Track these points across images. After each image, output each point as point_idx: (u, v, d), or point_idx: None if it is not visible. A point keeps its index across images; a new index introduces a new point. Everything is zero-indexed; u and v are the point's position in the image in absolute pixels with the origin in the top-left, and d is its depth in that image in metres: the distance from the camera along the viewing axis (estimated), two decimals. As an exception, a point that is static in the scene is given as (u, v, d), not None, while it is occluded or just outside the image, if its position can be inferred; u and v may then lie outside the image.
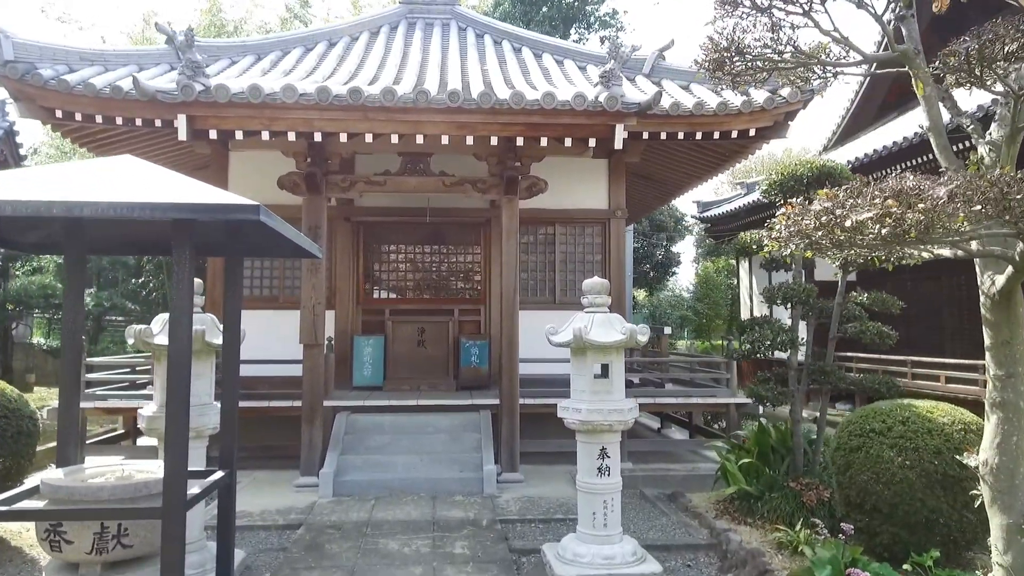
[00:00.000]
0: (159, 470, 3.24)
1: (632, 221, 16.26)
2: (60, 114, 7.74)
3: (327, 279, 9.05)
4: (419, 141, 7.44)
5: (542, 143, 7.57)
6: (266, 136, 7.27)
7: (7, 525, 5.65)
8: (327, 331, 8.62)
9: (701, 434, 10.25)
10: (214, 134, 7.26)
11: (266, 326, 8.91)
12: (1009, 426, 3.44)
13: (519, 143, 7.61)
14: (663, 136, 8.18)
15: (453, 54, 9.33)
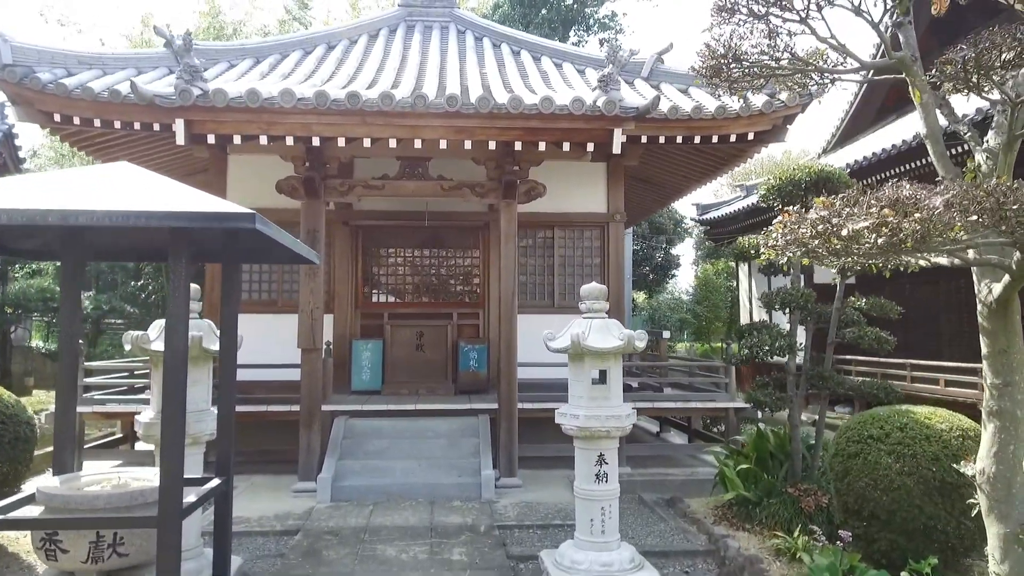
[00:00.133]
0: (155, 478, 3.24)
1: (631, 224, 16.26)
2: (58, 118, 7.72)
3: (325, 283, 9.06)
4: (417, 145, 7.45)
5: (540, 147, 7.57)
6: (264, 140, 7.27)
7: (3, 532, 5.63)
8: (325, 335, 8.63)
9: (700, 438, 10.23)
10: (212, 138, 7.28)
11: (264, 330, 8.91)
12: (1006, 435, 3.44)
13: (517, 147, 7.62)
14: (661, 140, 8.15)
15: (452, 57, 9.33)
